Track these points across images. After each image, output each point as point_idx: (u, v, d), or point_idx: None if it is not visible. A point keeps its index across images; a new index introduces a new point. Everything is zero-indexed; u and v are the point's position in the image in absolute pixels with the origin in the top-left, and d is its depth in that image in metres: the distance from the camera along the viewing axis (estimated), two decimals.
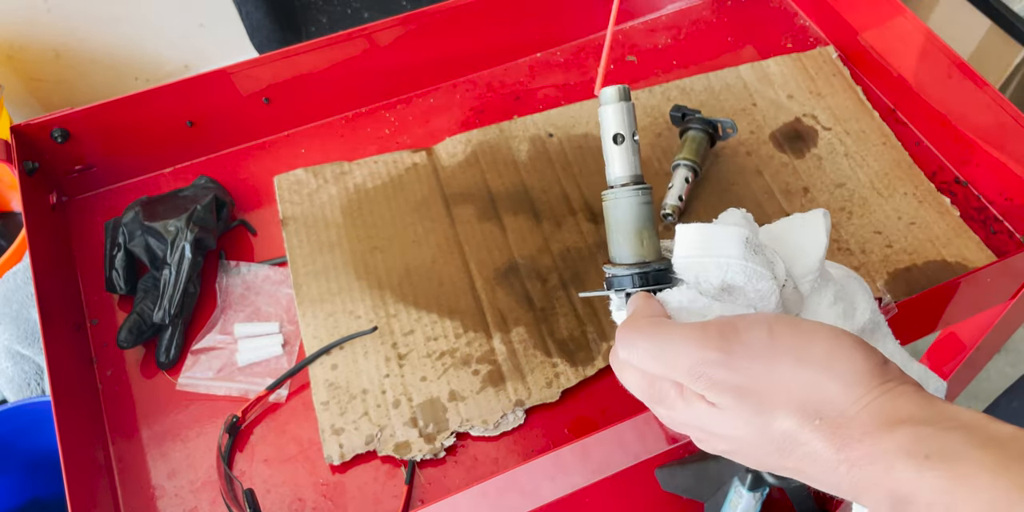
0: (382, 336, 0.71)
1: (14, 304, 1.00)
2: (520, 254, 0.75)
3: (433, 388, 0.68)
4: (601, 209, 0.77)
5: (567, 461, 0.57)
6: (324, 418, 0.67)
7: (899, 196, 0.77)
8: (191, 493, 0.65)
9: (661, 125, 0.83)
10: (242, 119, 0.83)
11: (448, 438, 0.66)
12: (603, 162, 0.52)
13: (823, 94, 0.84)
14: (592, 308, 0.72)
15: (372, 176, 0.81)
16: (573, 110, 0.85)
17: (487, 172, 0.81)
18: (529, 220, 0.77)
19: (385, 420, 0.67)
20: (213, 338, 0.72)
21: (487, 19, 0.85)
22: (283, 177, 0.81)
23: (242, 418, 0.67)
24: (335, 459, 0.65)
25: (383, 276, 0.74)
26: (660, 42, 0.91)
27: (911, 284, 0.71)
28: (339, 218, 0.78)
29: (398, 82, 0.87)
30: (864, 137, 0.81)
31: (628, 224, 0.50)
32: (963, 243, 0.73)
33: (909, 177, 0.78)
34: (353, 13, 1.26)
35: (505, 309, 0.72)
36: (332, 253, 0.76)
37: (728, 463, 0.87)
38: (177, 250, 0.71)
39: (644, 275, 0.48)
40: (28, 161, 0.75)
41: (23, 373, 1.00)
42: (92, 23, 1.52)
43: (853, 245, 0.74)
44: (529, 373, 0.68)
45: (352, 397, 0.68)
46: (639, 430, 0.58)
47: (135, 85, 1.66)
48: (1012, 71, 1.29)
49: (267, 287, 0.75)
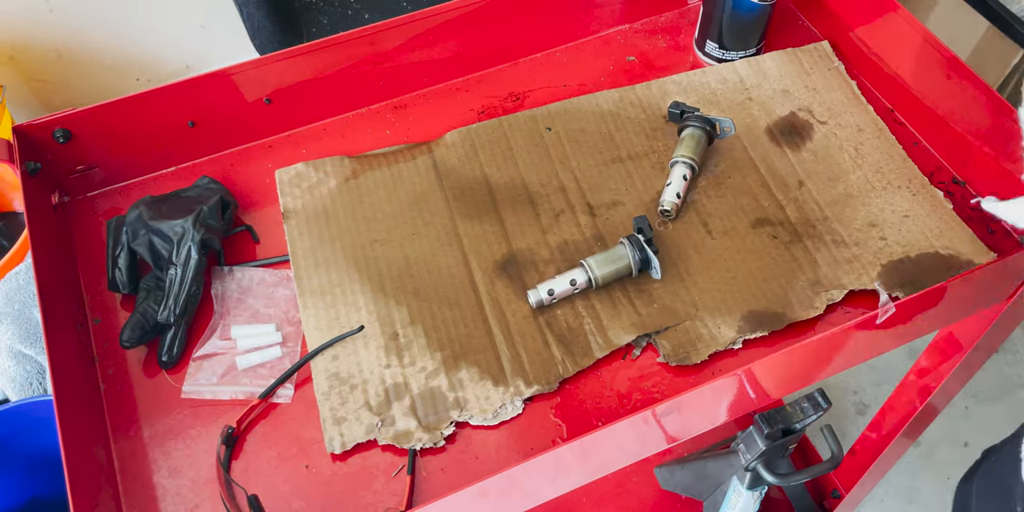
0: (382, 327, 0.72)
1: (16, 304, 1.01)
2: (518, 247, 0.76)
3: (433, 378, 0.69)
4: (597, 202, 0.78)
5: (567, 460, 0.58)
6: (325, 408, 0.68)
7: (893, 189, 0.77)
8: (192, 492, 0.66)
9: (657, 120, 0.84)
10: (243, 119, 0.83)
11: (448, 427, 0.67)
12: (600, 156, 0.52)
13: (818, 89, 0.85)
14: (589, 300, 0.72)
15: (372, 169, 0.82)
16: (571, 104, 0.85)
17: (486, 166, 0.81)
18: (527, 213, 0.78)
19: (385, 410, 0.67)
20: (214, 344, 0.72)
21: (487, 20, 0.86)
22: (284, 171, 0.82)
23: (237, 428, 0.67)
24: (336, 448, 0.66)
25: (383, 268, 0.75)
26: (660, 43, 0.92)
27: (904, 276, 0.72)
28: (339, 211, 0.79)
29: (399, 83, 0.87)
30: (859, 131, 0.82)
31: None
32: (956, 236, 0.74)
33: (903, 170, 0.79)
34: (354, 14, 1.26)
35: (504, 301, 0.73)
36: (333, 246, 0.77)
37: (727, 462, 0.88)
38: (183, 250, 0.71)
39: None
40: (30, 161, 0.76)
41: (25, 372, 1.01)
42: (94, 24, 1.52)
43: (847, 237, 0.75)
44: (527, 364, 0.69)
45: (353, 387, 0.69)
46: (638, 429, 0.58)
47: (136, 86, 1.66)
48: (1010, 71, 1.29)
49: (263, 289, 0.76)
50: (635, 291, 0.73)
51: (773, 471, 0.79)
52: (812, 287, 0.72)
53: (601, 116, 0.84)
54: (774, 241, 0.75)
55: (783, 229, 0.76)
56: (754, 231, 0.76)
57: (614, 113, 0.85)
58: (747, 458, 0.80)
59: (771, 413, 0.75)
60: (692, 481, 0.97)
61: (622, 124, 0.84)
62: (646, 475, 1.09)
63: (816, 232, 0.75)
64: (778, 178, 0.79)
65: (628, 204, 0.78)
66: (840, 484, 1.12)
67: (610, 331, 0.71)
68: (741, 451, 0.81)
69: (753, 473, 0.85)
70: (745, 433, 0.79)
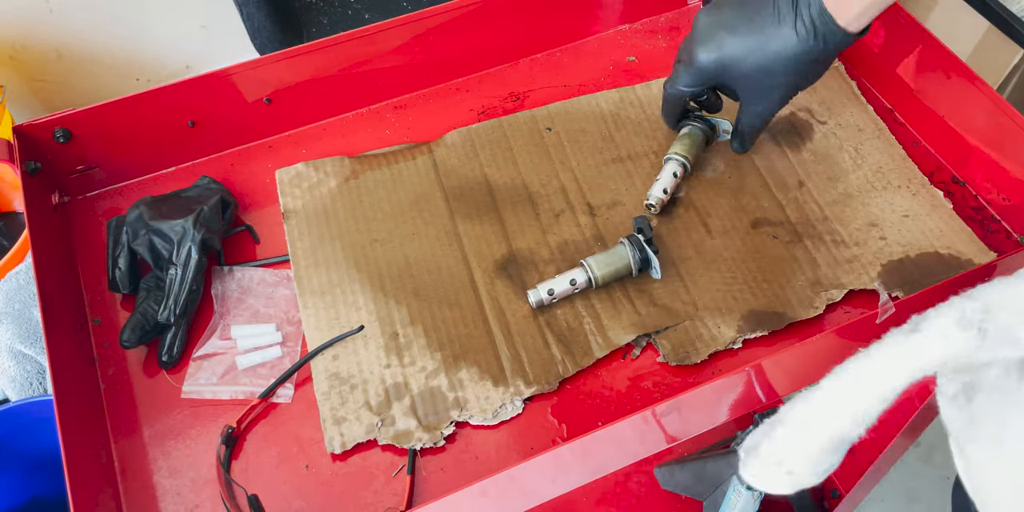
0: (382, 327, 0.72)
1: (16, 304, 1.01)
2: (518, 247, 0.76)
3: (433, 378, 0.69)
4: (597, 202, 0.78)
5: (567, 460, 0.58)
6: (325, 408, 0.68)
7: (893, 189, 0.77)
8: (192, 491, 0.66)
9: (657, 121, 0.84)
10: (243, 119, 0.83)
11: (448, 427, 0.67)
12: (600, 156, 0.52)
13: (817, 88, 0.85)
14: (589, 300, 0.72)
15: (372, 169, 0.82)
16: (571, 105, 0.85)
17: (486, 166, 0.81)
18: (527, 213, 0.78)
19: (385, 410, 0.67)
20: (214, 344, 0.73)
21: (487, 20, 0.86)
22: (284, 171, 0.82)
23: (237, 428, 0.67)
24: (336, 448, 0.66)
25: (383, 268, 0.75)
26: (660, 43, 0.92)
27: (904, 276, 0.72)
28: (339, 211, 0.79)
29: (399, 83, 0.87)
30: (858, 131, 0.82)
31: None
32: (956, 235, 0.74)
33: (903, 170, 0.79)
34: (354, 14, 1.26)
35: (504, 301, 0.73)
36: (333, 245, 0.77)
37: (727, 462, 0.88)
38: (184, 250, 0.71)
39: None
40: (30, 161, 0.76)
41: (25, 372, 1.01)
42: (94, 24, 1.52)
43: (847, 237, 0.75)
44: (527, 363, 0.69)
45: (353, 387, 0.69)
46: (638, 429, 0.58)
47: (137, 86, 1.66)
48: (1010, 72, 1.29)
49: (262, 289, 0.76)
50: (635, 291, 0.73)
51: None
52: (812, 287, 0.72)
53: (601, 116, 0.84)
54: (774, 241, 0.75)
55: (783, 229, 0.76)
56: (754, 231, 0.76)
57: (614, 113, 0.85)
58: None
59: (771, 412, 0.74)
60: (692, 481, 0.97)
61: (622, 124, 0.84)
62: (646, 475, 1.09)
63: (816, 232, 0.75)
64: (778, 178, 0.79)
65: (628, 204, 0.78)
66: (840, 484, 1.12)
67: (610, 331, 0.71)
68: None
69: None
70: (745, 433, 0.79)
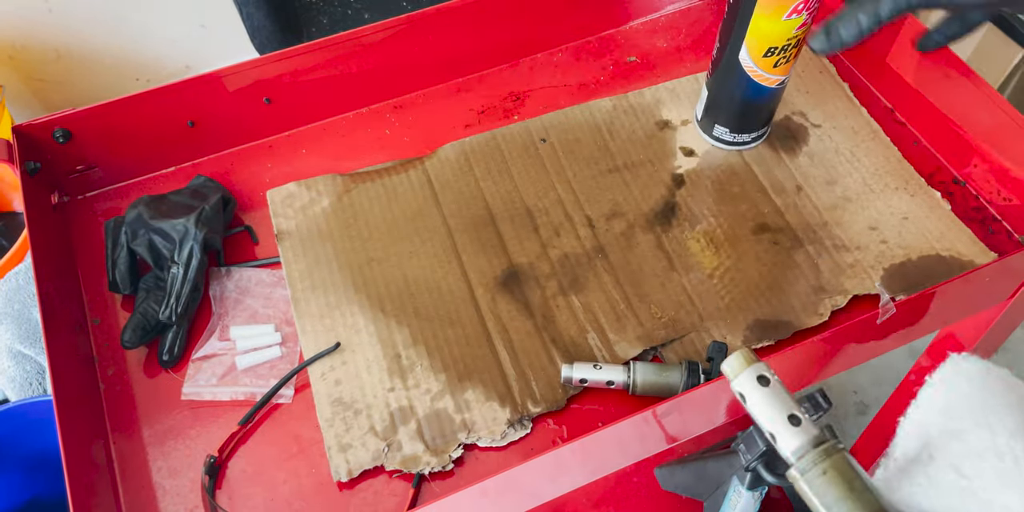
0: (384, 348, 0.70)
1: (16, 304, 1.01)
2: (519, 262, 0.75)
3: (438, 400, 0.67)
4: (596, 213, 0.77)
5: (567, 461, 0.57)
6: (330, 435, 0.66)
7: (891, 191, 0.77)
8: (192, 492, 0.66)
9: (652, 128, 0.83)
10: (243, 119, 0.83)
11: (456, 450, 0.65)
12: (596, 167, 0.51)
13: (811, 92, 0.85)
14: (593, 313, 0.72)
15: (365, 187, 0.80)
16: (565, 115, 0.85)
17: (481, 180, 0.80)
18: (526, 227, 0.77)
19: (391, 435, 0.66)
20: (213, 345, 0.72)
21: (487, 19, 0.86)
22: (275, 191, 0.80)
23: (219, 458, 0.66)
24: (343, 476, 0.64)
25: (382, 288, 0.74)
26: (660, 43, 0.91)
27: (907, 279, 0.72)
28: (334, 231, 0.77)
29: (399, 82, 0.87)
30: (854, 133, 0.82)
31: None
32: (956, 237, 0.74)
33: (900, 172, 0.78)
34: (354, 14, 1.26)
35: (506, 317, 0.72)
36: (329, 267, 0.75)
37: (727, 462, 0.88)
38: (186, 249, 0.71)
39: None
40: (30, 161, 0.76)
41: (25, 373, 1.01)
42: (93, 24, 1.52)
43: (848, 241, 0.74)
44: (534, 382, 0.68)
45: (357, 412, 0.67)
46: (639, 430, 0.58)
47: (136, 85, 1.66)
48: (1010, 72, 1.29)
49: (261, 289, 0.75)
50: (638, 303, 0.72)
51: (773, 471, 0.78)
52: (816, 293, 0.72)
53: (595, 126, 0.84)
54: (775, 247, 0.75)
55: (784, 235, 0.75)
56: (755, 238, 0.75)
57: (608, 122, 0.84)
58: (747, 458, 0.79)
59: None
60: (692, 481, 0.97)
61: (616, 133, 0.83)
62: (646, 475, 1.09)
63: (817, 237, 0.75)
64: (776, 183, 0.79)
65: (628, 214, 0.77)
66: None
67: (616, 345, 0.70)
68: (741, 451, 0.80)
69: (753, 473, 0.85)
70: (745, 433, 0.79)
